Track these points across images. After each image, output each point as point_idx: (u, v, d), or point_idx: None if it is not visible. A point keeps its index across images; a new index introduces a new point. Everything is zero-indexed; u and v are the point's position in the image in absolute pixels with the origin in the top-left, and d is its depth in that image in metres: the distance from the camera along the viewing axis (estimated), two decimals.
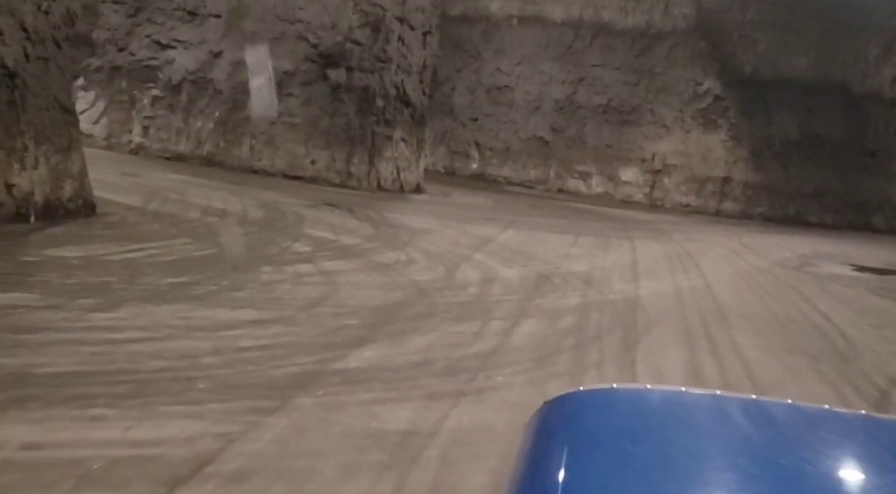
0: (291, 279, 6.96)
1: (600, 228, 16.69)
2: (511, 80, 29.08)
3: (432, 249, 10.03)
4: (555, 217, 18.01)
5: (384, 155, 17.48)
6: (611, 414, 1.18)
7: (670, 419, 1.18)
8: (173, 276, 6.29)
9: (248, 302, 5.89)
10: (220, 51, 16.38)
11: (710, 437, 1.13)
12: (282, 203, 12.28)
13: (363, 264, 8.25)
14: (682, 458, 1.03)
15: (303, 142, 16.55)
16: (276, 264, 7.51)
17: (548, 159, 28.20)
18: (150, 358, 4.20)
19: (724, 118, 26.11)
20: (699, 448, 1.07)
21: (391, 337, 5.52)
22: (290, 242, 8.91)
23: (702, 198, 26.27)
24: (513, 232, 13.46)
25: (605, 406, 1.21)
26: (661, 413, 1.22)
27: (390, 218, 12.70)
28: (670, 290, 9.61)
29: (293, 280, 6.94)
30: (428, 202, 17.05)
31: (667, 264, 12.17)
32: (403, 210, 14.39)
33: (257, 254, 7.88)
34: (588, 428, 1.13)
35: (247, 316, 5.48)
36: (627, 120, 27.23)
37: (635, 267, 11.37)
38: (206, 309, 5.49)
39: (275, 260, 7.70)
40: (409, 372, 4.77)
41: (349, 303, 6.36)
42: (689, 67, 26.43)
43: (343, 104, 16.78)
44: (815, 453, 1.08)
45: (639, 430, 1.12)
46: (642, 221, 20.17)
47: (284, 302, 6.05)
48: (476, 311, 6.80)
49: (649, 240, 15.41)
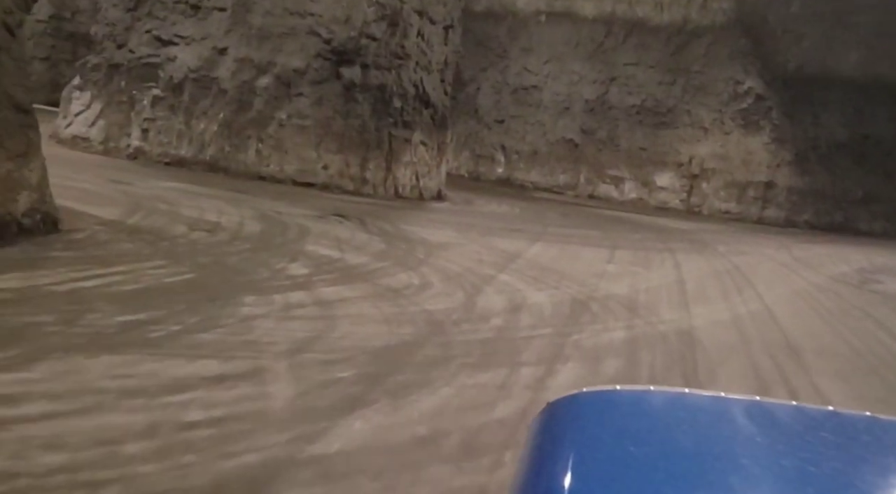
0: (278, 312, 5.81)
1: (637, 240, 15.43)
2: (539, 80, 27.91)
3: (451, 268, 8.85)
4: (587, 227, 16.77)
5: (402, 159, 16.34)
6: (614, 416, 1.17)
7: (673, 420, 1.16)
8: (129, 312, 5.16)
9: (214, 347, 4.74)
10: (225, 47, 15.33)
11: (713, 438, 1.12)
12: (285, 214, 11.16)
13: (369, 290, 7.09)
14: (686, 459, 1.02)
15: (314, 146, 15.45)
16: (262, 292, 6.36)
17: (578, 163, 26.96)
18: (46, 449, 3.05)
19: (766, 119, 24.71)
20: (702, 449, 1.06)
21: (392, 397, 4.35)
22: (286, 263, 7.77)
23: (743, 204, 24.88)
24: (542, 245, 12.25)
25: (609, 407, 1.20)
26: (664, 415, 1.20)
27: (406, 230, 11.54)
28: (728, 318, 8.36)
29: (280, 313, 5.79)
30: (449, 211, 15.88)
31: (717, 283, 10.90)
32: (421, 220, 13.23)
33: (243, 280, 6.74)
34: (591, 430, 1.13)
35: (207, 369, 4.33)
36: (662, 121, 25.93)
37: (683, 287, 10.12)
38: (157, 360, 4.35)
39: (263, 287, 6.56)
40: (411, 456, 3.60)
41: (344, 345, 5.20)
42: (729, 65, 25.06)
43: (357, 104, 15.67)
44: (819, 454, 1.08)
45: (642, 431, 1.11)
46: (681, 231, 18.87)
47: (261, 347, 4.89)
48: (501, 353, 5.61)
49: (692, 254, 14.14)
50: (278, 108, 15.34)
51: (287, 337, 5.21)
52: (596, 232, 15.85)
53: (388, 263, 8.61)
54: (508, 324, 6.60)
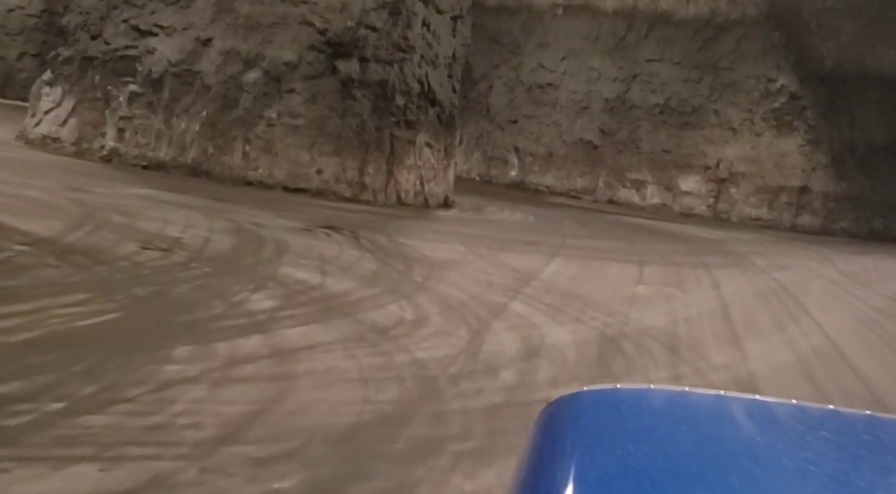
0: (216, 371, 4.41)
1: (665, 252, 13.98)
2: (555, 78, 26.51)
3: (454, 296, 7.45)
4: (609, 237, 15.31)
5: (405, 163, 14.94)
6: (615, 415, 1.16)
7: (674, 419, 1.15)
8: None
9: (100, 441, 3.34)
10: (209, 38, 13.99)
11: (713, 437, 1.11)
12: (265, 226, 9.78)
13: (347, 330, 5.69)
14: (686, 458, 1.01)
15: (307, 148, 14.08)
16: (205, 339, 4.97)
17: (596, 166, 25.53)
18: None
19: (800, 119, 23.18)
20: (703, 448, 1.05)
21: None
22: (250, 292, 6.37)
23: (775, 210, 23.36)
24: (560, 262, 10.82)
25: (609, 406, 1.19)
26: (664, 414, 1.19)
27: (405, 245, 10.14)
28: (790, 359, 6.91)
29: (218, 373, 4.40)
30: (456, 220, 14.46)
31: (765, 308, 9.44)
32: (424, 232, 11.83)
33: (184, 320, 5.35)
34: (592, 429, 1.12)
35: (74, 485, 2.94)
36: (688, 122, 24.46)
37: (727, 314, 8.67)
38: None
39: (207, 331, 5.17)
40: None
41: (295, 427, 3.80)
42: (760, 61, 23.55)
43: (355, 102, 14.29)
44: (819, 453, 1.07)
45: (643, 430, 1.10)
46: (711, 241, 17.39)
47: (173, 437, 3.50)
48: (511, 430, 4.19)
49: (729, 269, 12.68)
50: (267, 106, 13.98)
51: (217, 415, 3.80)
52: (619, 243, 14.40)
53: (378, 290, 7.21)
54: (522, 379, 5.19)
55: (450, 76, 16.17)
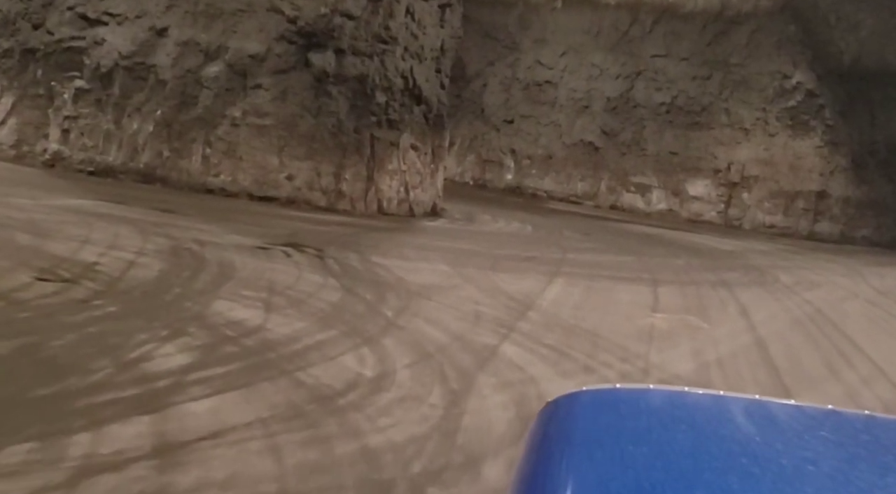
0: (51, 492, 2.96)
1: (679, 268, 12.55)
2: (554, 75, 25.06)
3: (431, 337, 6.00)
4: (615, 250, 13.86)
5: (387, 167, 13.49)
6: (614, 414, 1.18)
7: (673, 419, 1.18)
8: None
9: None
10: (165, 27, 12.53)
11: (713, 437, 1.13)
12: (213, 244, 8.32)
13: (278, 401, 4.23)
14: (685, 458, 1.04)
15: (275, 152, 12.64)
16: (60, 427, 3.51)
17: (598, 169, 24.09)
18: None
19: (817, 119, 21.75)
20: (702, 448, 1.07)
21: None
22: (158, 343, 4.90)
23: (790, 217, 21.91)
24: (562, 284, 9.38)
25: (609, 406, 1.21)
26: (664, 414, 1.21)
27: (380, 266, 8.69)
28: None
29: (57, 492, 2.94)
30: (444, 232, 13.00)
31: (808, 343, 8.00)
32: (405, 248, 10.37)
33: (44, 393, 3.89)
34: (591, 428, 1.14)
35: None
36: (696, 122, 23.01)
37: (766, 353, 7.22)
38: None
39: (70, 412, 3.71)
40: None
41: None
42: (775, 57, 22.10)
43: (331, 99, 12.85)
44: (818, 453, 1.09)
45: (642, 430, 1.12)
46: (726, 252, 15.96)
47: None
48: None
49: (754, 288, 11.26)
50: (231, 104, 12.53)
51: None
52: (627, 257, 12.95)
53: (336, 332, 5.76)
54: None
55: (438, 71, 14.72)
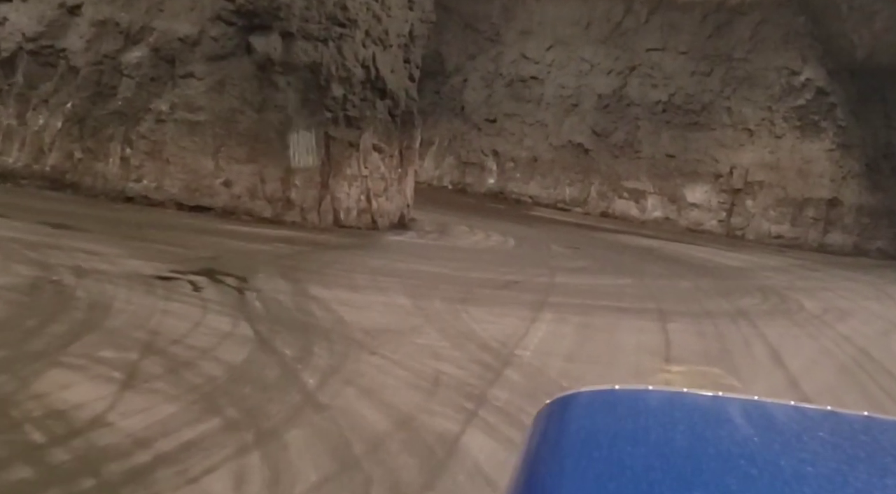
0: None
1: (687, 292, 10.82)
2: (540, 70, 23.35)
3: (362, 424, 4.20)
4: (610, 269, 12.10)
5: (345, 172, 11.69)
6: (612, 415, 1.19)
7: (671, 420, 1.18)
8: None
9: None
10: (78, 4, 10.68)
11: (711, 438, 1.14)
12: (97, 274, 6.48)
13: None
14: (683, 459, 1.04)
15: (210, 153, 10.82)
16: None
17: (588, 173, 22.40)
18: None
19: (828, 119, 20.10)
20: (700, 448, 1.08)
21: None
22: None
23: (799, 226, 20.24)
24: (550, 321, 7.59)
25: (607, 406, 1.23)
26: (662, 414, 1.21)
27: (317, 301, 6.88)
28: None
29: None
30: (410, 249, 11.19)
31: (863, 398, 6.25)
32: (358, 273, 8.55)
33: None
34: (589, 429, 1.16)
35: None
36: (696, 121, 21.36)
37: None
38: None
39: None
40: None
41: None
42: (782, 51, 20.43)
43: (277, 92, 11.05)
44: (816, 454, 1.10)
45: (639, 431, 1.13)
46: (734, 269, 14.25)
47: None
48: None
49: (778, 319, 9.56)
50: (156, 96, 10.69)
51: None
52: (626, 279, 11.19)
53: (217, 423, 3.95)
54: None
55: (406, 61, 12.92)
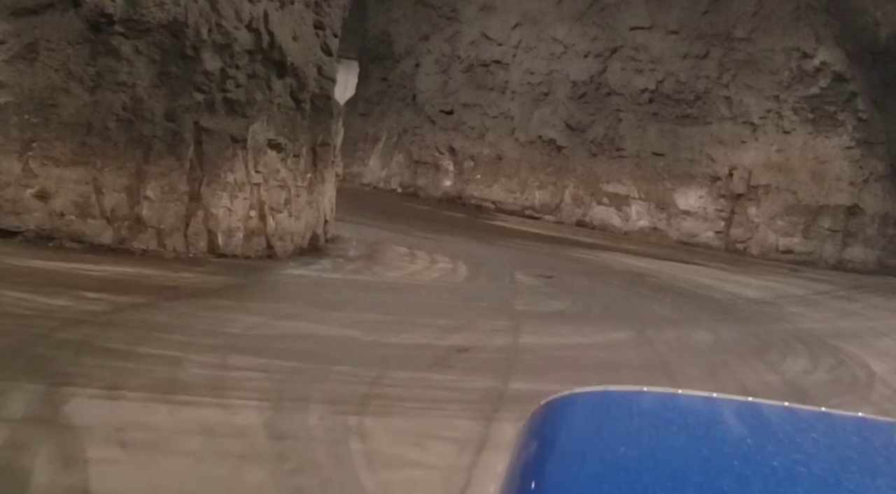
0: None
1: (710, 352, 7.77)
2: (504, 53, 20.55)
3: None
4: (597, 313, 8.98)
5: (225, 178, 8.46)
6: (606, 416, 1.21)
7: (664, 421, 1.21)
8: None
9: None
10: None
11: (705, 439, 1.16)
12: None
13: None
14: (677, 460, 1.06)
15: (17, 151, 7.58)
16: None
17: (562, 175, 19.56)
18: None
19: (847, 111, 17.29)
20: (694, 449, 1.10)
21: None
22: None
23: (812, 239, 17.40)
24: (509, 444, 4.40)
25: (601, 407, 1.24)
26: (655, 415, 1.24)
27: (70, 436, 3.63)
28: None
29: None
30: (310, 291, 7.92)
31: None
32: (192, 352, 5.29)
33: None
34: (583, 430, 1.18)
35: None
36: (688, 114, 18.57)
37: None
38: None
39: None
40: None
41: None
42: (791, 30, 17.59)
43: (120, 62, 7.82)
44: (810, 455, 1.12)
45: (633, 432, 1.15)
46: (752, 302, 11.29)
47: None
48: None
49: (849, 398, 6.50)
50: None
51: None
52: (621, 331, 8.05)
53: None
54: None
55: (319, 26, 9.69)
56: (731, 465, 1.04)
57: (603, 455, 1.06)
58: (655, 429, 1.17)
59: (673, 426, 1.19)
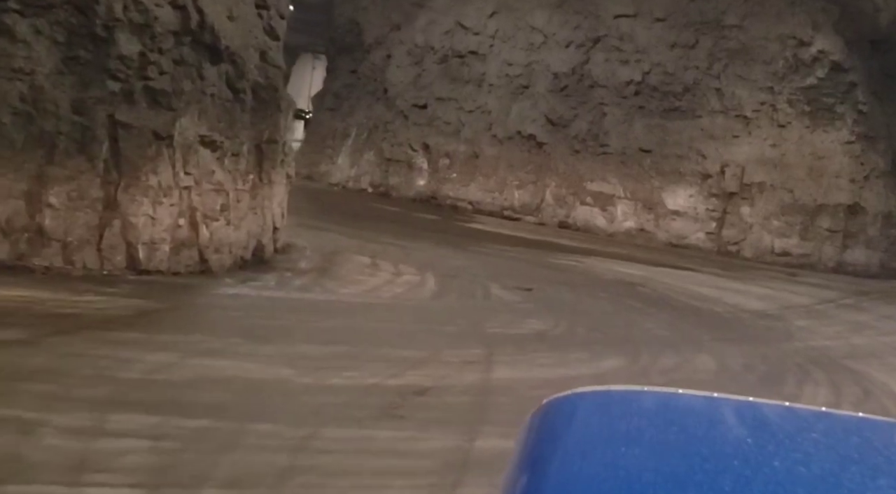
0: None
1: (717, 381, 6.64)
2: (480, 43, 19.66)
3: None
4: (582, 335, 7.87)
5: (146, 181, 7.28)
6: (608, 415, 1.21)
7: (665, 420, 1.20)
8: None
9: None
10: None
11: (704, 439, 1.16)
12: None
13: None
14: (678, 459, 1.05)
15: None
16: None
17: (542, 172, 18.60)
18: None
19: (846, 103, 16.36)
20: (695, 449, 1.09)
21: None
22: None
23: (810, 240, 16.44)
24: None
25: (602, 407, 1.24)
26: (656, 415, 1.23)
27: None
28: None
29: None
30: (244, 317, 6.74)
31: None
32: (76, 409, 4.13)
33: None
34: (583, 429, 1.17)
35: None
36: (677, 107, 17.65)
37: None
38: None
39: None
40: None
41: None
42: (787, 16, 16.67)
43: (16, 45, 6.66)
44: (810, 455, 1.11)
45: (634, 431, 1.14)
46: (756, 316, 10.30)
47: None
48: None
49: None
50: None
51: None
52: (613, 359, 6.98)
53: None
54: None
55: (262, 6, 8.52)
56: (732, 465, 1.04)
57: (604, 455, 1.05)
58: (656, 429, 1.16)
59: (673, 426, 1.17)
